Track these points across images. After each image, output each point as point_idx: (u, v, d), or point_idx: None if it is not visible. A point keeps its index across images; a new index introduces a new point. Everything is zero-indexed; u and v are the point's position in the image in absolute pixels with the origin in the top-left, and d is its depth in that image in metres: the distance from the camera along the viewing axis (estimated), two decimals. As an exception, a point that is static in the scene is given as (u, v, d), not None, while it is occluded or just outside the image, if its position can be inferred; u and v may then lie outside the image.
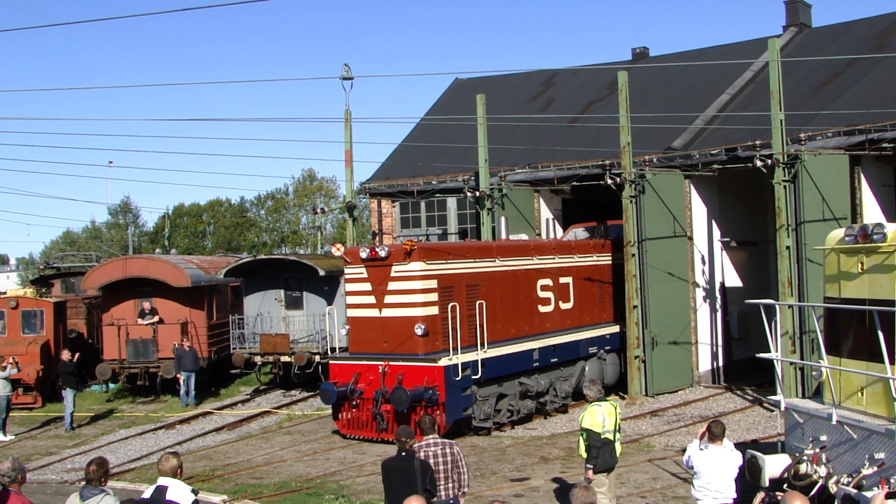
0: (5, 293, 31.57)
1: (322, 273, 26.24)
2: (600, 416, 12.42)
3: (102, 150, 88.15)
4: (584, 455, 12.45)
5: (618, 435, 12.76)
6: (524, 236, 26.05)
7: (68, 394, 23.96)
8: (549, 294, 23.28)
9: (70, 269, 39.36)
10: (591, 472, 12.30)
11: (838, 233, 12.90)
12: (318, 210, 39.43)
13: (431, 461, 10.65)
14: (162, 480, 8.82)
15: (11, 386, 23.91)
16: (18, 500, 8.69)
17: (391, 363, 19.65)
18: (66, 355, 24.49)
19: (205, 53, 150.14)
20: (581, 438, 12.54)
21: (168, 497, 8.64)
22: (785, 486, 11.79)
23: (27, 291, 30.83)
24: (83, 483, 9.01)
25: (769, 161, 22.15)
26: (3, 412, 23.14)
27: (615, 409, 12.78)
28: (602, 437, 12.35)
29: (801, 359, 21.14)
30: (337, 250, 28.08)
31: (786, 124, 22.33)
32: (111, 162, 63.83)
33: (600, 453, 12.32)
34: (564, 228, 29.65)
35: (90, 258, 48.02)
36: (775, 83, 22.06)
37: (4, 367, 23.39)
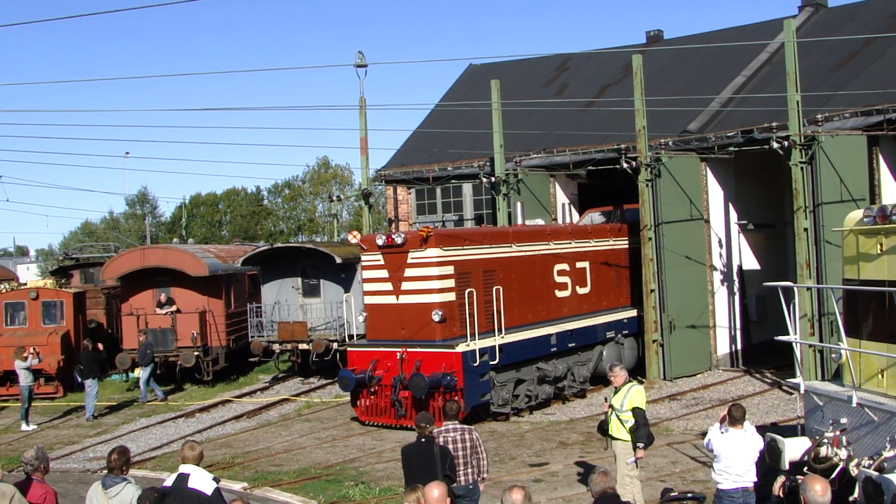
0: (25, 284, 31.76)
1: (339, 261, 26.31)
2: (645, 394, 12.46)
3: (119, 140, 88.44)
4: (626, 437, 12.32)
5: None
6: (540, 221, 25.97)
7: (92, 383, 24.13)
8: (566, 279, 23.25)
9: (89, 259, 39.63)
10: (641, 450, 12.26)
11: (857, 214, 12.79)
12: (334, 198, 39.43)
13: (451, 447, 10.66)
14: (184, 468, 8.88)
15: (33, 376, 24.17)
16: (41, 489, 8.80)
17: (409, 350, 19.67)
18: (89, 345, 24.70)
19: (220, 43, 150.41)
20: (618, 419, 12.36)
21: (190, 485, 8.70)
22: (805, 469, 11.74)
23: (47, 282, 30.98)
24: (105, 472, 9.10)
25: (786, 143, 22.00)
26: (25, 402, 23.38)
27: None
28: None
29: (821, 341, 21.04)
30: (353, 238, 28.12)
31: (802, 105, 22.14)
32: (128, 153, 63.84)
33: (648, 432, 12.35)
34: (580, 213, 29.58)
35: (108, 248, 48.44)
36: (791, 64, 21.88)
37: (26, 358, 23.61)
